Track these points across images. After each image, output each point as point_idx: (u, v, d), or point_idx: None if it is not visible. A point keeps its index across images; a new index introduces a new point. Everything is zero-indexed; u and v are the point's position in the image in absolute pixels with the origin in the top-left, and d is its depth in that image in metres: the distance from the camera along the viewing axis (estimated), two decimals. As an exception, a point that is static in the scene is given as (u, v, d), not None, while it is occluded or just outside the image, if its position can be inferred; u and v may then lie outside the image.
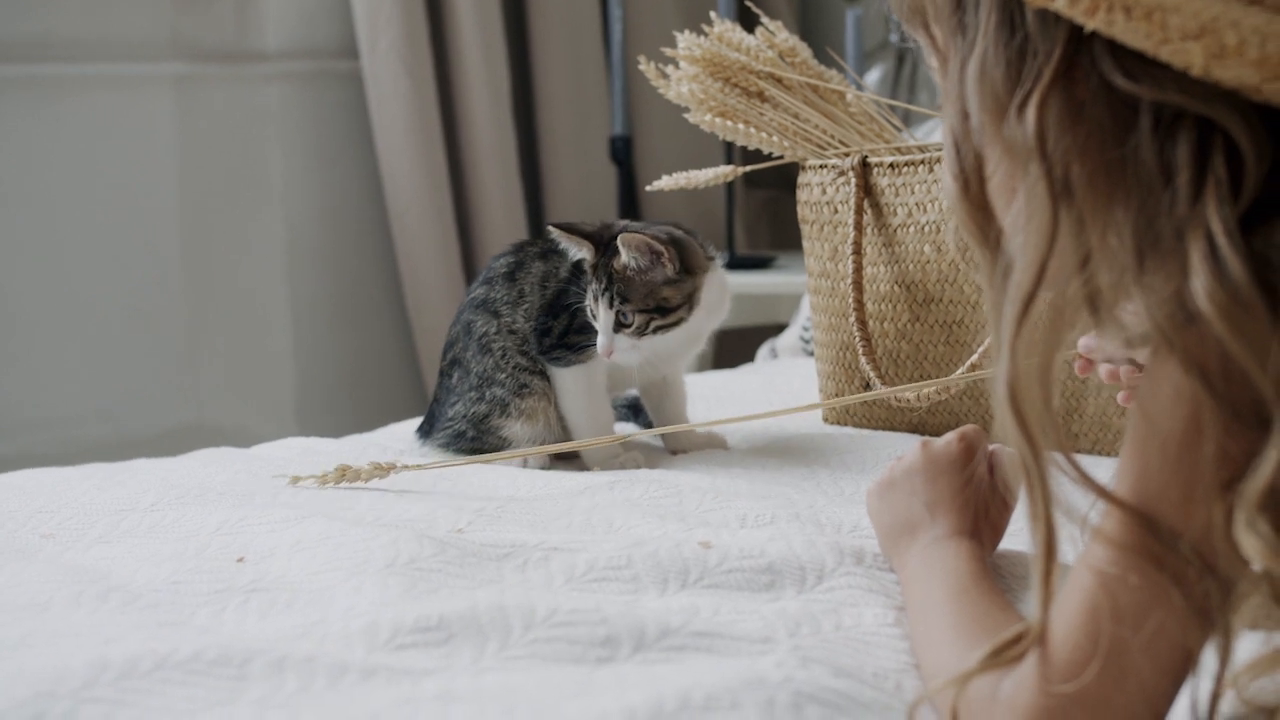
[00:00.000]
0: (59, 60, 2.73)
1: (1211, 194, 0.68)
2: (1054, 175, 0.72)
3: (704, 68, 1.75)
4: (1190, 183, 0.69)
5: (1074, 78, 0.71)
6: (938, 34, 0.80)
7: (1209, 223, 0.68)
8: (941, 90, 0.81)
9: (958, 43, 0.77)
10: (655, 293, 1.55)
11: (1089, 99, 0.71)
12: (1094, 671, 0.74)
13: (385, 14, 2.93)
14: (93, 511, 1.32)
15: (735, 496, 1.34)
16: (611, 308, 1.54)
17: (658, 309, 1.55)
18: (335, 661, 0.88)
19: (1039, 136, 0.72)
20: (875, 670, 0.92)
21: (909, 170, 1.70)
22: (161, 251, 2.88)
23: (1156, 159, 0.70)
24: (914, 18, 0.81)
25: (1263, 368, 0.67)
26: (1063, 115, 0.71)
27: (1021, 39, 0.72)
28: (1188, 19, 0.67)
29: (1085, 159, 0.71)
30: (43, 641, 0.94)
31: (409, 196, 2.99)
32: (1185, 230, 0.68)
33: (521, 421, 1.60)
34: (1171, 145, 0.69)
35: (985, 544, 1.07)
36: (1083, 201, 0.72)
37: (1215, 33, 0.67)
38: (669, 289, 1.55)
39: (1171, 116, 0.69)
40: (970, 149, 0.77)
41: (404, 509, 1.30)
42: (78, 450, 2.26)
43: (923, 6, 0.80)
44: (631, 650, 0.92)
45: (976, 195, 0.78)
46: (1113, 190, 0.71)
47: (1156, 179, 0.70)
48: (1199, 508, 0.72)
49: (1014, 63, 0.73)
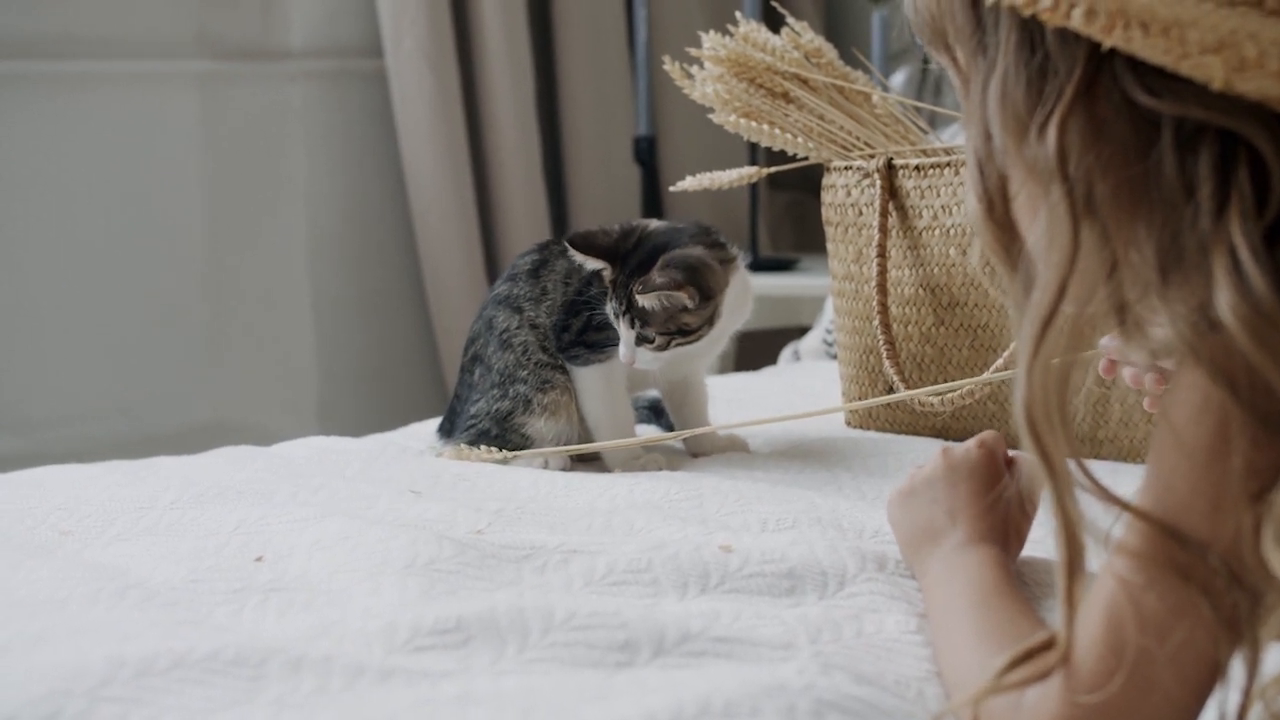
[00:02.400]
0: (84, 57, 2.74)
1: (1235, 207, 0.67)
2: (1075, 195, 0.71)
3: (729, 68, 1.74)
4: (1213, 196, 0.68)
5: (1096, 95, 0.71)
6: (960, 55, 0.79)
7: (1232, 236, 0.67)
8: (964, 111, 0.80)
9: (979, 63, 0.76)
10: (675, 319, 1.54)
11: (1111, 116, 0.70)
12: (1119, 683, 0.74)
13: (410, 13, 2.93)
14: (112, 509, 1.32)
15: (756, 500, 1.33)
16: (632, 329, 1.54)
17: (679, 331, 1.54)
18: (353, 662, 0.87)
19: (1060, 156, 0.71)
20: (897, 678, 0.91)
21: (934, 173, 1.69)
22: (184, 249, 2.89)
23: (1179, 174, 0.69)
24: (936, 39, 0.80)
25: None
26: (1085, 133, 0.71)
27: (1042, 58, 0.72)
28: (1206, 33, 0.66)
29: (1108, 176, 0.71)
30: (60, 638, 0.93)
31: (432, 195, 2.99)
32: (1209, 244, 0.68)
33: (545, 418, 1.59)
34: (1194, 160, 0.69)
35: (1008, 550, 1.07)
36: (1107, 217, 0.71)
37: (1234, 46, 0.66)
38: (689, 315, 1.54)
39: (1194, 131, 0.69)
40: (994, 169, 0.77)
41: (423, 509, 1.30)
42: (99, 447, 2.27)
43: (944, 28, 0.79)
44: (651, 655, 0.91)
45: (1001, 216, 0.77)
46: (1136, 206, 0.71)
47: (1180, 194, 0.69)
48: (1226, 519, 0.71)
49: (1035, 82, 0.72)
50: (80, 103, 2.74)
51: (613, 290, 1.55)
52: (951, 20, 0.78)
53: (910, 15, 0.82)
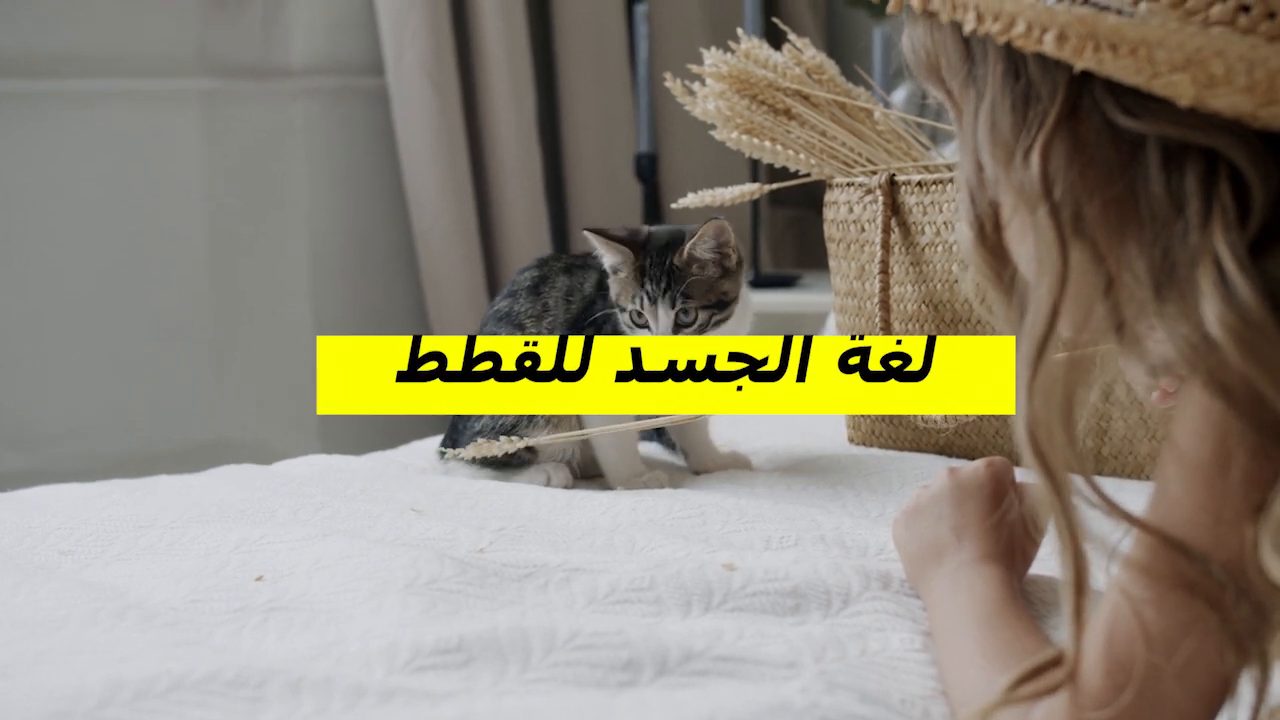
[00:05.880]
0: (87, 75, 2.74)
1: (1218, 221, 0.68)
2: (1061, 217, 0.73)
3: (730, 85, 1.74)
4: (1199, 212, 0.69)
5: (1078, 119, 0.72)
6: (953, 88, 0.81)
7: (1217, 249, 0.68)
8: (958, 141, 0.81)
9: (970, 95, 0.78)
10: (715, 287, 1.57)
11: (1094, 139, 0.72)
12: (1128, 699, 0.74)
13: (411, 30, 2.93)
14: (112, 528, 1.31)
15: (760, 518, 1.33)
16: (674, 307, 1.55)
17: (718, 303, 1.57)
18: (353, 683, 0.87)
19: (1044, 180, 0.73)
20: (902, 696, 0.90)
21: (937, 189, 1.69)
22: (187, 266, 2.89)
23: (1165, 191, 0.70)
24: (931, 74, 0.82)
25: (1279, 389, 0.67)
26: (1069, 156, 0.72)
27: (1025, 85, 0.74)
28: (1173, 51, 0.67)
29: (1095, 197, 0.72)
30: (59, 659, 0.93)
31: (434, 213, 2.99)
32: (1197, 259, 0.69)
33: (549, 431, 1.59)
34: (1180, 177, 0.70)
35: (1014, 570, 1.06)
36: (1097, 237, 0.72)
37: (1201, 63, 0.67)
38: (727, 282, 1.58)
39: (1178, 149, 0.70)
40: (985, 197, 0.79)
41: (425, 528, 1.29)
42: (102, 464, 2.26)
43: (938, 63, 0.81)
44: (654, 674, 0.90)
45: (993, 243, 0.79)
46: (1125, 225, 0.72)
47: (1168, 211, 0.70)
48: (1230, 532, 0.71)
49: (1019, 109, 0.74)
50: (83, 121, 2.75)
51: (640, 276, 1.56)
52: (944, 54, 0.80)
53: (907, 53, 0.84)
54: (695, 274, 1.56)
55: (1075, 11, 0.69)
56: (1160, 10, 0.69)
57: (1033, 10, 0.70)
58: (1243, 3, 0.68)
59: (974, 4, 0.72)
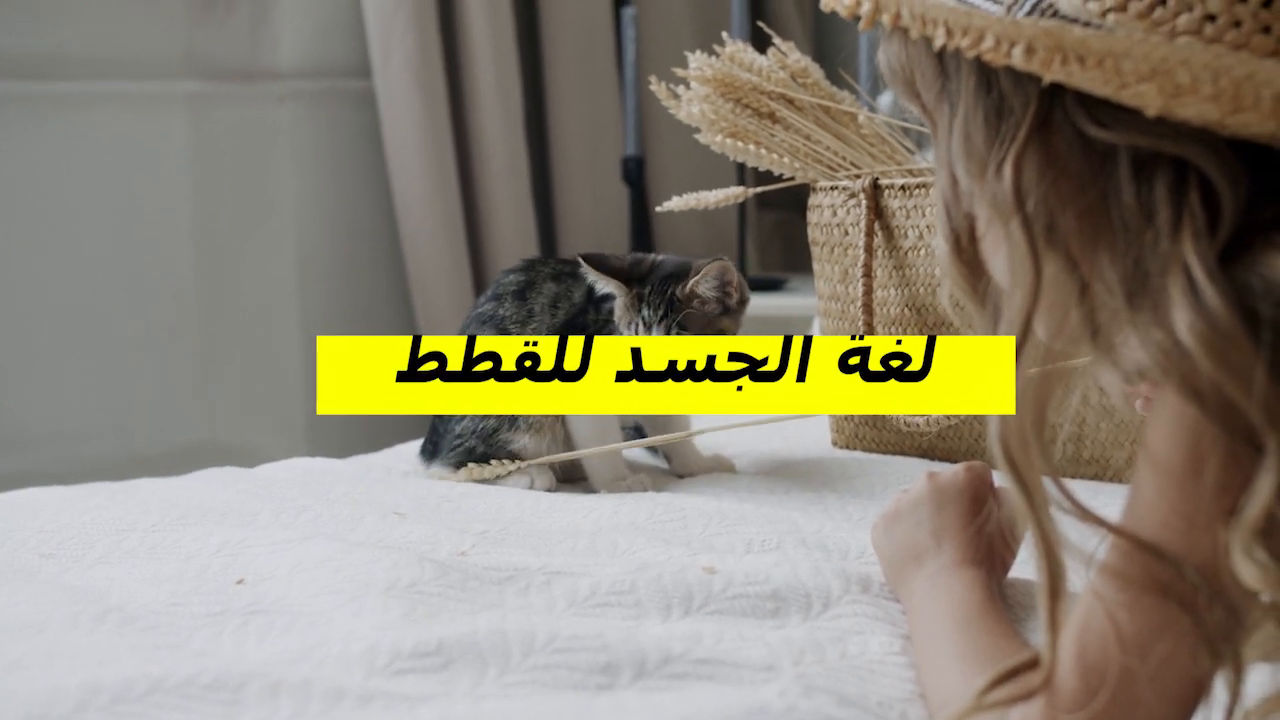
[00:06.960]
0: (73, 77, 2.74)
1: (1188, 229, 0.69)
2: (1034, 228, 0.73)
3: (715, 88, 1.74)
4: (1169, 221, 0.70)
5: (1050, 130, 0.73)
6: (927, 101, 0.81)
7: (1186, 258, 0.69)
8: (934, 156, 0.82)
9: (943, 109, 0.79)
10: (714, 323, 1.57)
11: (1065, 150, 0.73)
12: (1102, 701, 0.74)
13: (398, 32, 2.93)
14: (94, 532, 1.31)
15: (741, 521, 1.33)
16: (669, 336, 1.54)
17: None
18: (332, 686, 0.87)
19: (1016, 191, 0.73)
20: (880, 699, 0.91)
21: (920, 193, 1.69)
22: (174, 269, 2.88)
23: (1136, 201, 0.71)
24: (907, 89, 0.83)
25: (1249, 395, 0.67)
26: (1041, 168, 0.73)
27: (997, 98, 0.74)
28: (1139, 62, 0.68)
29: (1067, 208, 0.73)
30: (37, 663, 0.93)
31: (421, 215, 2.99)
32: (1167, 267, 0.70)
33: (530, 434, 1.59)
34: (1149, 187, 0.71)
35: (993, 574, 1.06)
36: (1071, 247, 0.73)
37: (1167, 73, 0.68)
38: (726, 319, 1.57)
39: (1148, 159, 0.71)
40: (960, 210, 0.80)
41: (407, 531, 1.29)
42: (88, 467, 2.25)
43: (911, 77, 0.82)
44: (632, 678, 0.90)
45: (969, 255, 0.80)
46: (1098, 235, 0.72)
47: (1140, 220, 0.71)
48: (1204, 536, 0.71)
49: (992, 122, 0.75)
50: (70, 123, 2.74)
51: (637, 304, 1.56)
52: (918, 69, 0.81)
53: (883, 68, 0.84)
54: (695, 308, 1.56)
55: (1042, 24, 0.69)
56: (1126, 21, 0.69)
57: (1000, 24, 0.70)
58: (1209, 12, 0.69)
59: (943, 19, 0.72)
